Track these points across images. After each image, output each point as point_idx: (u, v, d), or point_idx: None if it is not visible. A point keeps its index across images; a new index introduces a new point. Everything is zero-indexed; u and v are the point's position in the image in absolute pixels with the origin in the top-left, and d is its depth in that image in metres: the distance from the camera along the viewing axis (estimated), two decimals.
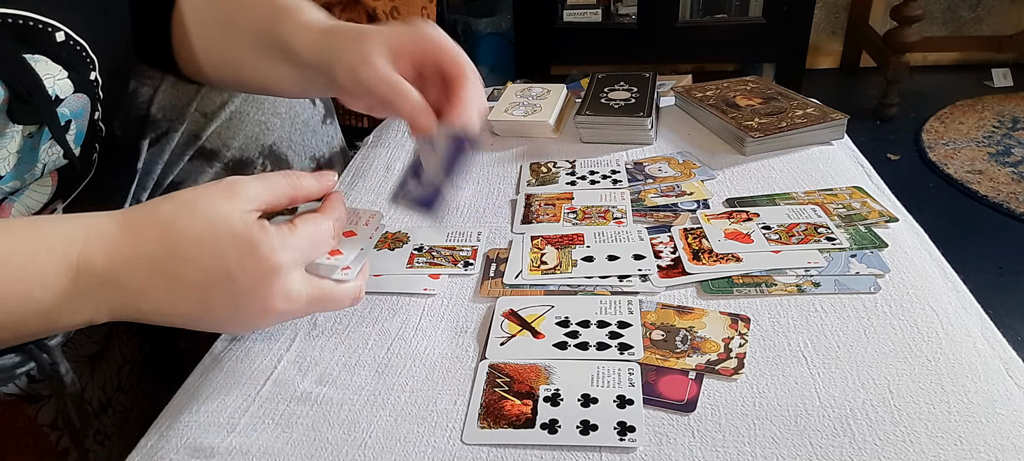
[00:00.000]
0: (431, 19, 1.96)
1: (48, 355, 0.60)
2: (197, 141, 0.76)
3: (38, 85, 0.50)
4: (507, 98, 0.93)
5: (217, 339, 0.58)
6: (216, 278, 0.43)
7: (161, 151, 0.74)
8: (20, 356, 0.58)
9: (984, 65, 2.60)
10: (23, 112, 0.50)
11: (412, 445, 0.47)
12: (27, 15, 0.50)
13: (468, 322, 0.58)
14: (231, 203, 0.44)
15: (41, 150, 0.54)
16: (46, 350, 0.60)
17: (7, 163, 0.51)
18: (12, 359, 0.58)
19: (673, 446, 0.45)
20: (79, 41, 0.54)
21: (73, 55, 0.53)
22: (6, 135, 0.50)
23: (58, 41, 0.52)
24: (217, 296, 0.44)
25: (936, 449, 0.44)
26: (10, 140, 0.51)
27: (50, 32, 0.51)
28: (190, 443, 0.48)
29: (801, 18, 2.20)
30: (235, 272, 0.43)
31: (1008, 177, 1.91)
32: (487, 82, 0.73)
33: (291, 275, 0.46)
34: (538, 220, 0.71)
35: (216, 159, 0.76)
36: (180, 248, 0.43)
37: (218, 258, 0.43)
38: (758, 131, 0.80)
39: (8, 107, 0.49)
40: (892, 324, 0.54)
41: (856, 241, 0.63)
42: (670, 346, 0.53)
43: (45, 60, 0.51)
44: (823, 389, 0.49)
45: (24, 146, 0.52)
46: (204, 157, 0.76)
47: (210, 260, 0.43)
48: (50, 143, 0.54)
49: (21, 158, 0.52)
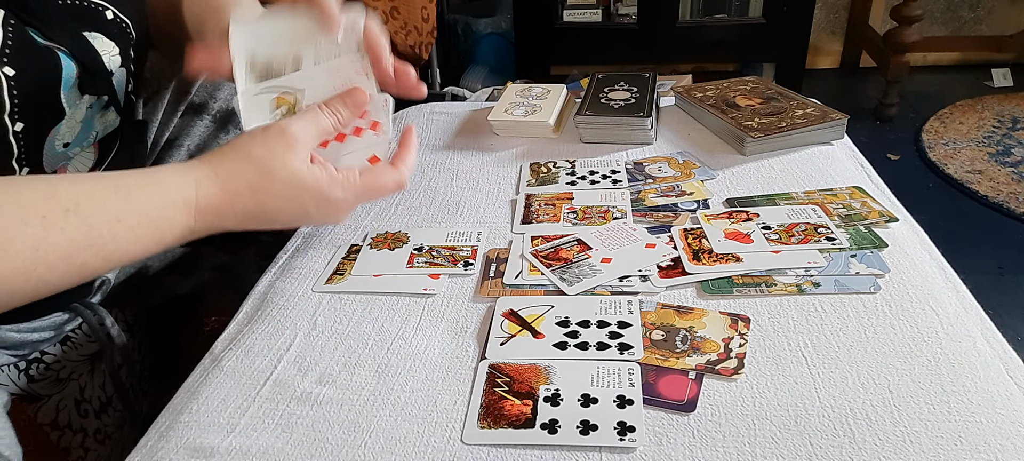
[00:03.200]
0: (431, 19, 1.95)
1: (93, 312, 0.65)
2: (186, 97, 0.79)
3: (99, 61, 0.58)
4: (507, 98, 0.93)
5: (217, 339, 0.58)
6: (297, 217, 0.57)
7: (154, 110, 0.78)
8: (68, 314, 0.64)
9: (984, 65, 2.60)
10: (92, 85, 0.57)
11: (412, 445, 0.47)
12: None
13: (468, 322, 0.58)
14: (296, 156, 0.54)
15: (96, 119, 0.61)
16: (90, 307, 0.65)
17: (73, 131, 0.58)
18: (61, 317, 0.64)
19: (673, 446, 0.45)
20: (124, 18, 0.61)
21: (120, 32, 0.60)
22: (77, 106, 0.57)
23: (108, 19, 0.59)
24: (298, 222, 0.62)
25: (936, 449, 0.44)
26: (78, 110, 0.57)
27: (101, 11, 0.58)
28: (190, 443, 0.48)
29: (801, 18, 2.19)
30: (311, 212, 0.56)
31: (1008, 177, 1.91)
32: (487, 82, 0.75)
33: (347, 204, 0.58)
34: (538, 220, 0.71)
35: (205, 111, 0.80)
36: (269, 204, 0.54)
37: (298, 206, 0.55)
38: (758, 131, 0.80)
39: (79, 81, 0.56)
40: (892, 324, 0.54)
41: (856, 241, 0.63)
42: (670, 346, 0.53)
43: (100, 37, 0.58)
44: (823, 389, 0.49)
45: (86, 116, 0.59)
46: (194, 111, 0.80)
47: (292, 207, 0.55)
48: (102, 113, 0.61)
49: (83, 127, 0.59)
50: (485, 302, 0.60)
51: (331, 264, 0.66)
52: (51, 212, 0.45)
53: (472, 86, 2.13)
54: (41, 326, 0.62)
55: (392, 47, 0.61)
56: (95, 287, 0.67)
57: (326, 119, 0.57)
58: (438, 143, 0.89)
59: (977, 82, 2.53)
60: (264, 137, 0.54)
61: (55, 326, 0.63)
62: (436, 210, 0.74)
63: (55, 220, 0.45)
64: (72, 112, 0.56)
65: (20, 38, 0.51)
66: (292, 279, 0.64)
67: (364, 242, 0.69)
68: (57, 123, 0.56)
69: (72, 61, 0.55)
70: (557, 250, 0.65)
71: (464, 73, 2.31)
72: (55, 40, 0.54)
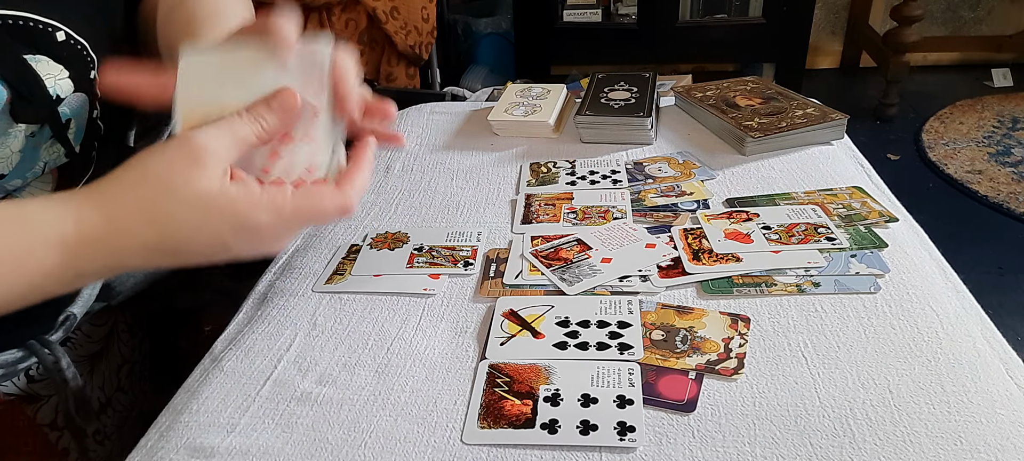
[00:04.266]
0: (431, 19, 1.96)
1: (50, 351, 0.60)
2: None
3: (40, 85, 0.51)
4: (507, 98, 0.93)
5: (217, 339, 0.58)
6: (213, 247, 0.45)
7: (152, 144, 0.74)
8: (22, 352, 0.59)
9: (984, 65, 2.60)
10: (25, 112, 0.51)
11: (412, 445, 0.47)
12: (27, 16, 0.50)
13: (468, 322, 0.58)
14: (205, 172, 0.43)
15: (42, 149, 0.55)
16: (48, 346, 0.60)
17: (9, 162, 0.52)
18: (14, 355, 0.59)
19: (673, 446, 0.45)
20: (79, 40, 0.54)
21: (73, 54, 0.54)
22: (9, 135, 0.51)
23: (59, 41, 0.53)
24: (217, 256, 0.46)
25: (936, 449, 0.44)
26: (13, 139, 0.52)
27: (50, 32, 0.52)
28: (190, 443, 0.48)
29: (801, 18, 2.20)
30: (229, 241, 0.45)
31: (1008, 177, 1.91)
32: (487, 82, 0.74)
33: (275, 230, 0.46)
34: (538, 220, 0.71)
35: None
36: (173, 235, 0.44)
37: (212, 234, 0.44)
38: (758, 131, 0.80)
39: (11, 107, 0.50)
40: (892, 324, 0.54)
41: (856, 241, 0.63)
42: (670, 346, 0.53)
43: (46, 60, 0.52)
44: (823, 389, 0.49)
45: (26, 145, 0.53)
46: None
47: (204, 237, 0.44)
48: (51, 142, 0.55)
49: (24, 157, 0.53)
50: (485, 302, 0.60)
51: (331, 264, 0.66)
52: None
53: (472, 86, 2.13)
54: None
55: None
56: (58, 323, 0.62)
57: (246, 126, 0.45)
58: (438, 143, 0.89)
59: (977, 82, 2.53)
60: (164, 150, 0.44)
61: (6, 363, 0.59)
62: (436, 210, 0.74)
63: None
64: (3, 141, 0.51)
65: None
66: (292, 279, 0.64)
67: (364, 242, 0.69)
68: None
69: (3, 86, 0.49)
70: (557, 250, 0.65)
71: (464, 73, 2.31)
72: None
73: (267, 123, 0.46)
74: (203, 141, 0.44)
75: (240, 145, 0.45)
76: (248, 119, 0.46)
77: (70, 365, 0.61)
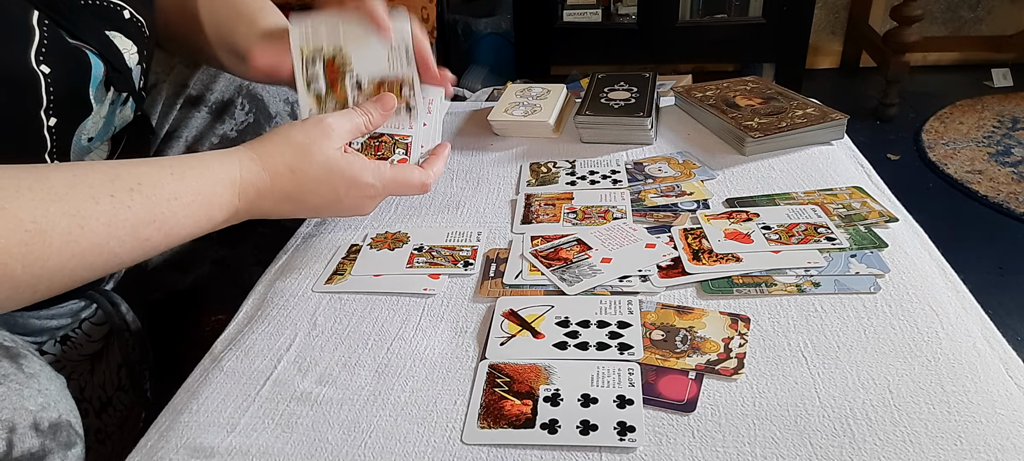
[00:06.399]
0: (431, 19, 1.95)
1: (108, 299, 0.68)
2: (184, 89, 0.81)
3: (121, 59, 0.61)
4: (507, 98, 0.93)
5: (217, 339, 0.58)
6: (329, 200, 0.62)
7: (154, 103, 0.79)
8: (84, 301, 0.67)
9: (984, 65, 2.59)
10: (119, 82, 0.61)
11: (412, 445, 0.47)
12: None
13: (468, 322, 0.58)
14: (332, 143, 0.60)
15: (116, 115, 0.64)
16: (105, 294, 0.68)
17: (97, 126, 0.61)
18: (78, 304, 0.66)
19: (673, 446, 0.45)
20: (140, 18, 0.63)
21: (137, 31, 0.63)
22: (102, 103, 0.60)
23: (126, 19, 0.62)
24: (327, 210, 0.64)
25: (936, 449, 0.44)
26: (103, 106, 0.61)
27: (119, 11, 0.61)
28: (190, 443, 0.48)
29: (801, 18, 2.19)
30: (342, 195, 0.62)
31: (1008, 177, 1.91)
32: (487, 82, 0.80)
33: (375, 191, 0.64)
34: (538, 220, 0.71)
35: (202, 103, 0.82)
36: (305, 186, 0.60)
37: (331, 189, 0.61)
38: (758, 131, 0.80)
39: (107, 79, 0.59)
40: (892, 324, 0.54)
41: (856, 241, 0.63)
42: (670, 346, 0.53)
43: (120, 36, 0.61)
44: (823, 389, 0.49)
45: (108, 112, 0.62)
46: (191, 103, 0.81)
47: (326, 190, 0.61)
48: (121, 109, 0.65)
49: (106, 122, 0.62)
50: (485, 302, 0.60)
51: (331, 264, 0.66)
52: (118, 191, 0.49)
53: (472, 86, 2.13)
54: (59, 312, 0.64)
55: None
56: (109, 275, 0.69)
57: (359, 117, 0.65)
58: None
59: (977, 82, 2.53)
60: (303, 125, 0.61)
61: (72, 313, 0.65)
62: (436, 210, 0.75)
63: (122, 198, 0.49)
64: (98, 108, 0.59)
65: (54, 37, 0.53)
66: (292, 279, 0.64)
67: (364, 242, 0.69)
68: (85, 119, 0.59)
69: (99, 60, 0.58)
70: (557, 250, 0.65)
71: (464, 73, 2.31)
72: (82, 39, 0.56)
73: (373, 117, 0.66)
74: (331, 122, 0.62)
75: (354, 131, 0.64)
76: (360, 112, 0.65)
77: (129, 309, 0.69)
